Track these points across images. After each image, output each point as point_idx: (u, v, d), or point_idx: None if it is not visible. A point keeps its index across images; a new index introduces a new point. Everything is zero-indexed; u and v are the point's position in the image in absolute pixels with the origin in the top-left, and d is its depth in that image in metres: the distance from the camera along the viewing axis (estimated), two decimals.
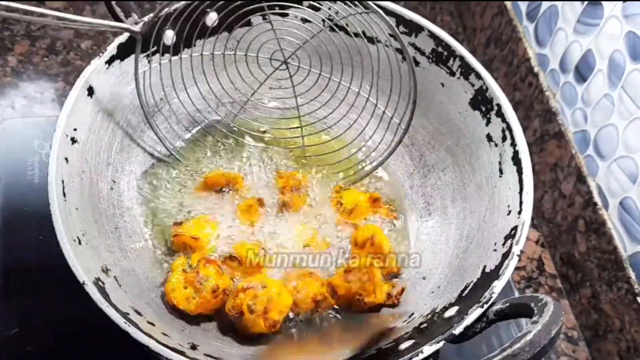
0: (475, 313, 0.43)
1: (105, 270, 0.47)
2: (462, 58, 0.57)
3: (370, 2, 0.53)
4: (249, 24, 0.61)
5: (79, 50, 0.82)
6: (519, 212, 0.50)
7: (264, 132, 0.65)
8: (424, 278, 0.57)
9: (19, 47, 0.81)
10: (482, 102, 0.56)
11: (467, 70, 0.57)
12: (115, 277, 0.48)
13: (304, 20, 0.61)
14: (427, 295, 0.55)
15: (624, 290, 0.61)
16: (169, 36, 0.57)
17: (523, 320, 0.61)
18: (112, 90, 0.55)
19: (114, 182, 0.56)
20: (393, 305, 0.55)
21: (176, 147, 0.63)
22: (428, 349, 0.42)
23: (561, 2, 0.71)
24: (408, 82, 0.56)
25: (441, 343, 0.42)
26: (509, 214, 0.51)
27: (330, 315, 0.54)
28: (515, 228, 0.49)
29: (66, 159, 0.49)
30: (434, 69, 0.60)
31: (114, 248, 0.52)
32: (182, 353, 0.41)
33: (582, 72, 0.68)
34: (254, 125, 0.65)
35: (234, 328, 0.52)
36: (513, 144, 0.53)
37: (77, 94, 0.51)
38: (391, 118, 0.61)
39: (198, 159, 0.63)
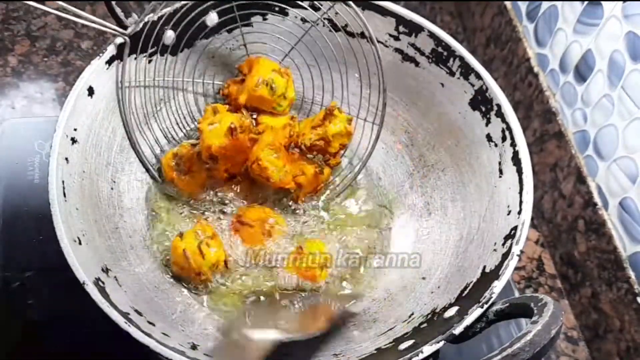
0: (475, 313, 0.43)
1: (106, 270, 0.47)
2: (461, 58, 0.57)
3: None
4: (249, 24, 0.61)
5: (79, 51, 0.82)
6: (519, 212, 0.50)
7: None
8: (423, 278, 0.57)
9: (19, 47, 0.81)
10: (482, 102, 0.56)
11: (466, 71, 0.57)
12: (115, 277, 0.48)
13: (304, 20, 0.61)
14: (427, 295, 0.55)
15: (623, 290, 0.61)
16: (169, 36, 0.57)
17: (523, 320, 0.61)
18: (112, 90, 0.55)
19: (114, 182, 0.56)
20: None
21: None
22: (428, 349, 0.42)
23: (561, 2, 0.71)
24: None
25: (441, 343, 0.42)
26: (508, 214, 0.51)
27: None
28: (515, 228, 0.49)
29: (66, 159, 0.49)
30: (433, 69, 0.60)
31: (114, 248, 0.52)
32: (182, 353, 0.41)
33: (582, 72, 0.68)
34: None
35: None
36: (513, 144, 0.53)
37: (77, 94, 0.51)
38: (365, 119, 0.63)
39: None
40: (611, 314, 0.63)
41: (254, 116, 0.61)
